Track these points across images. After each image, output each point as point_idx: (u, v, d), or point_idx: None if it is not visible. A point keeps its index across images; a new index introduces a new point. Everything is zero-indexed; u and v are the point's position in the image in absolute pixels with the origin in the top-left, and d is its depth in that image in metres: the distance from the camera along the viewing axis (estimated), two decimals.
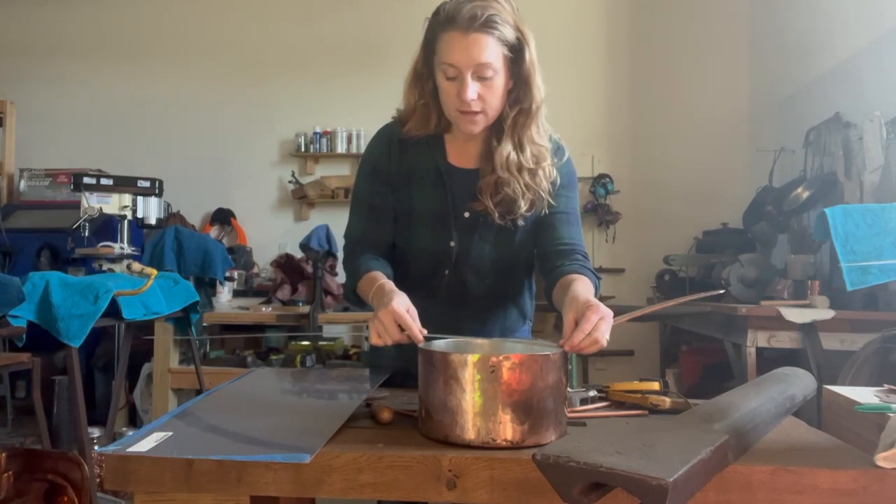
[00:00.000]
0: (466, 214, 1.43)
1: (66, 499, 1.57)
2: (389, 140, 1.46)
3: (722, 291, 1.33)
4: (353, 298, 1.44)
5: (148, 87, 5.02)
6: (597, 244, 4.67)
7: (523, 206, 1.39)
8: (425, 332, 1.15)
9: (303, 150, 4.87)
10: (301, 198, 4.81)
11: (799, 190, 3.37)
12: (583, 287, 1.25)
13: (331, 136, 4.82)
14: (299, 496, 0.92)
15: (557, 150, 1.45)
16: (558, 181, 1.44)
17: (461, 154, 1.45)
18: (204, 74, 5.01)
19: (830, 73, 3.46)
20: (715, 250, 3.85)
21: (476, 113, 1.32)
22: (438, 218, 1.43)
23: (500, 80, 1.31)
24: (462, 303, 1.47)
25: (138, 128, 4.99)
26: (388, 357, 1.53)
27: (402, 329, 1.15)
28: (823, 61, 3.52)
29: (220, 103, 4.97)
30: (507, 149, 1.37)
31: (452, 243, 1.44)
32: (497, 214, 1.40)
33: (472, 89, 1.28)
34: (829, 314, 2.68)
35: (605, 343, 1.05)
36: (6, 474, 1.50)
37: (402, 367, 1.45)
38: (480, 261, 1.46)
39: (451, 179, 1.43)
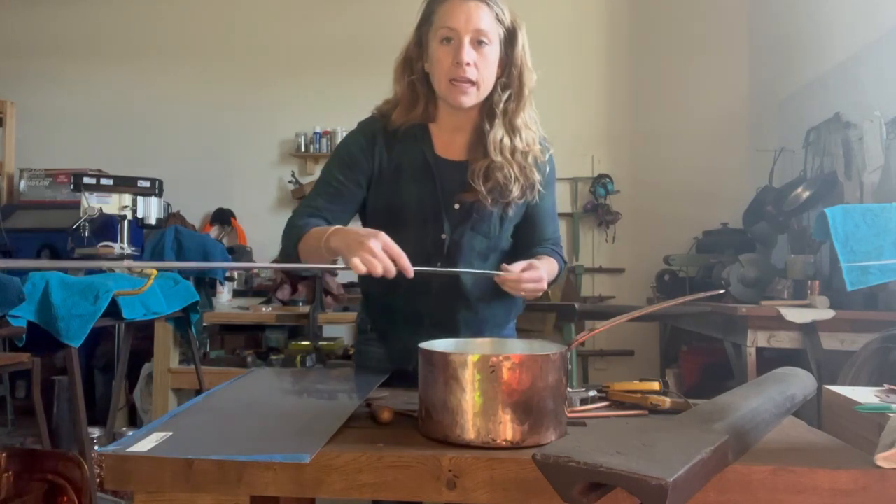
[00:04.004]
0: (457, 206, 1.43)
1: (66, 499, 1.57)
2: (373, 135, 1.44)
3: (722, 291, 1.33)
4: (291, 252, 1.36)
5: (148, 87, 5.01)
6: (597, 244, 4.67)
7: (515, 191, 1.41)
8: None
9: (303, 150, 4.87)
10: (301, 198, 4.81)
11: (799, 190, 3.36)
12: (547, 262, 1.44)
13: (331, 136, 4.81)
14: (299, 496, 0.92)
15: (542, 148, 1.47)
16: (546, 169, 1.47)
17: (449, 145, 1.45)
18: (204, 74, 5.00)
19: (830, 73, 3.45)
20: (715, 250, 3.85)
21: (470, 83, 1.33)
22: (429, 210, 1.43)
23: (494, 54, 1.35)
24: (455, 295, 1.46)
25: (138, 128, 4.98)
26: (376, 359, 1.54)
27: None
28: (823, 61, 3.52)
29: (221, 103, 4.96)
30: (499, 133, 1.39)
31: (444, 235, 1.44)
32: (490, 200, 1.40)
33: (469, 53, 1.31)
34: (829, 314, 2.68)
35: (522, 294, 1.35)
36: (6, 474, 1.50)
37: (392, 368, 1.46)
38: (472, 252, 1.46)
39: (440, 171, 1.43)
